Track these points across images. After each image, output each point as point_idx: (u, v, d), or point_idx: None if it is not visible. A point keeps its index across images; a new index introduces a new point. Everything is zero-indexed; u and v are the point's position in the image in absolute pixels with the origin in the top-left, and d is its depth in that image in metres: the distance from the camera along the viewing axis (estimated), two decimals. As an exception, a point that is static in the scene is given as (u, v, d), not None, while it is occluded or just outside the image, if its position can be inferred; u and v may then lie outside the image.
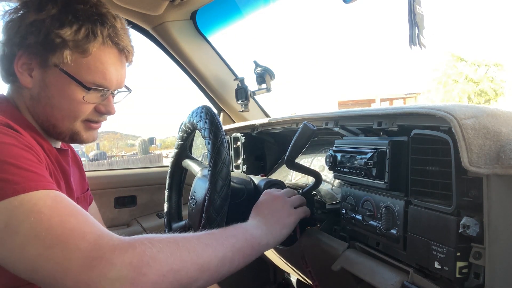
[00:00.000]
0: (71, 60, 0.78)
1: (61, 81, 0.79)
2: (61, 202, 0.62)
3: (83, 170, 1.06)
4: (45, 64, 0.78)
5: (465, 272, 0.61)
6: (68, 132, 0.83)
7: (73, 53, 0.77)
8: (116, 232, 0.63)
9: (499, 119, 0.63)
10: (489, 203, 0.58)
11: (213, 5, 1.56)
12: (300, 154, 0.92)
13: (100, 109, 0.85)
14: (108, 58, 0.81)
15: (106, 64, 0.81)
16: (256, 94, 1.71)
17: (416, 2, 0.79)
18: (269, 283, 1.90)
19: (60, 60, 0.77)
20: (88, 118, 0.84)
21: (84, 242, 0.57)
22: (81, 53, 0.78)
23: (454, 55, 18.94)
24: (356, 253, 0.85)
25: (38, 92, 0.80)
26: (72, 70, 0.78)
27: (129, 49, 0.85)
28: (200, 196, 0.94)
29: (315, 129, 0.88)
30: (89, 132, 0.87)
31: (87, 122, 0.85)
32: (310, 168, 0.98)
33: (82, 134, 0.85)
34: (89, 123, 0.85)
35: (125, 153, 24.10)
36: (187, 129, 1.03)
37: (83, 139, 0.86)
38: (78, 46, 0.77)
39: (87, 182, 1.06)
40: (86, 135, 0.86)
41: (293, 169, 0.95)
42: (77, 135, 0.85)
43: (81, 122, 0.84)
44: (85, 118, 0.84)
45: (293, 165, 0.93)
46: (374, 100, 20.90)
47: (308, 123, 0.89)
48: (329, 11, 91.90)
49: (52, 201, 0.60)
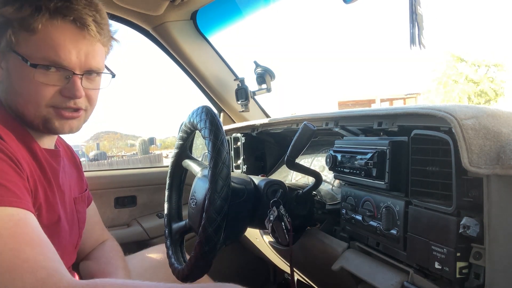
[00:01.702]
0: (20, 40, 0.73)
1: (18, 64, 0.74)
2: (24, 227, 0.58)
3: (82, 170, 1.05)
4: (2, 50, 0.74)
5: (465, 272, 0.61)
6: (38, 119, 0.77)
7: (19, 32, 0.73)
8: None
9: (499, 120, 0.63)
10: (489, 203, 0.58)
11: (214, 5, 1.56)
12: (300, 155, 0.92)
13: (64, 92, 0.76)
14: (60, 33, 0.74)
15: (58, 40, 0.73)
16: (256, 94, 1.71)
17: (417, 2, 0.79)
18: (269, 283, 1.90)
19: (10, 41, 0.73)
20: (54, 104, 0.76)
21: (31, 277, 0.53)
22: (28, 30, 0.72)
23: (454, 56, 18.95)
24: (356, 253, 0.85)
25: (5, 82, 0.77)
26: (23, 50, 0.73)
27: (86, 22, 0.75)
28: (200, 196, 0.94)
29: (315, 129, 0.88)
30: (62, 121, 0.79)
31: (57, 109, 0.77)
32: (310, 169, 0.98)
33: (53, 122, 0.78)
34: (60, 110, 0.77)
35: (125, 153, 24.10)
36: (187, 129, 1.03)
37: (55, 128, 0.79)
38: (23, 23, 0.72)
39: (85, 183, 1.05)
40: (59, 124, 0.78)
41: (294, 169, 0.95)
42: (48, 123, 0.78)
43: (49, 109, 0.77)
44: (50, 103, 0.76)
45: (294, 166, 0.93)
46: (374, 100, 20.90)
47: (308, 124, 0.88)
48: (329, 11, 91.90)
49: (14, 224, 0.57)
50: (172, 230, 1.08)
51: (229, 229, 0.89)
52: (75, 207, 0.93)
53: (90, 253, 1.06)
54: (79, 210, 0.94)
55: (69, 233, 0.87)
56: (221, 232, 0.83)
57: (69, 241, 0.88)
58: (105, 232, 1.14)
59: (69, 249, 0.90)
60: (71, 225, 0.89)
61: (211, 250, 0.82)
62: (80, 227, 0.95)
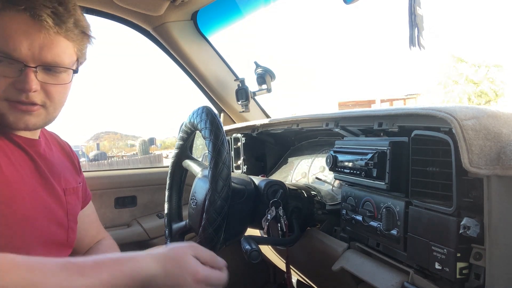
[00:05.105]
0: None
1: None
2: None
3: (75, 163, 1.03)
4: None
5: (466, 273, 0.61)
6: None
7: None
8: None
9: (499, 120, 0.63)
10: (490, 204, 0.58)
11: (214, 5, 1.56)
12: (300, 155, 0.92)
13: (16, 85, 0.74)
14: (11, 23, 0.72)
15: (9, 30, 0.72)
16: (257, 95, 1.71)
17: (416, 3, 0.79)
18: (269, 283, 1.90)
19: None
20: (7, 97, 0.75)
21: None
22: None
23: (455, 56, 18.94)
24: (356, 253, 0.85)
25: None
26: None
27: (40, 13, 0.73)
28: (201, 197, 0.94)
29: None
30: (17, 114, 0.76)
31: (10, 102, 0.75)
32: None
33: (7, 116, 0.76)
34: (13, 103, 0.75)
35: (125, 154, 24.10)
36: (188, 129, 1.03)
37: (10, 122, 0.77)
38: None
39: (81, 177, 1.03)
40: (13, 118, 0.76)
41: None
42: (2, 117, 0.76)
43: (4, 102, 0.75)
44: (3, 96, 0.75)
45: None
46: (374, 101, 20.89)
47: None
48: (329, 11, 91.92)
49: None
50: (173, 230, 1.08)
51: (229, 229, 0.89)
52: (65, 198, 0.90)
53: (86, 251, 1.06)
54: (69, 202, 0.92)
55: (48, 222, 0.84)
56: (221, 232, 0.83)
57: (47, 230, 0.84)
58: (102, 230, 1.14)
59: (50, 240, 0.86)
60: (52, 215, 0.86)
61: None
62: (70, 219, 0.91)
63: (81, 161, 1.03)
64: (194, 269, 0.66)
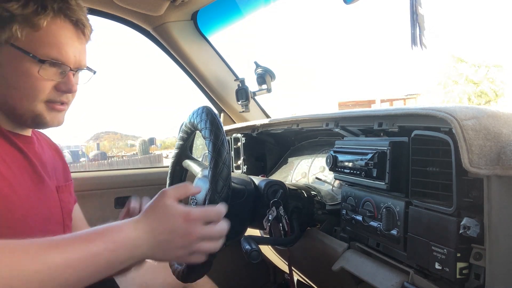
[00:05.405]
0: (22, 35, 0.76)
1: (15, 58, 0.77)
2: None
3: (66, 163, 1.04)
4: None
5: (466, 273, 0.61)
6: (29, 114, 0.80)
7: (23, 28, 0.76)
8: None
9: (499, 120, 0.63)
10: (490, 204, 0.58)
11: (214, 5, 1.56)
12: (300, 155, 0.92)
13: (61, 87, 0.81)
14: (62, 32, 0.79)
15: (60, 37, 0.79)
16: (257, 95, 1.71)
17: (418, 2, 0.79)
18: (269, 283, 1.90)
19: (10, 35, 0.75)
20: (50, 98, 0.80)
21: None
22: (32, 27, 0.76)
23: (455, 56, 18.94)
24: (356, 253, 0.85)
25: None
26: (24, 45, 0.76)
27: (84, 23, 0.82)
28: (201, 197, 0.94)
29: None
30: (53, 113, 0.82)
31: (50, 103, 0.81)
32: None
33: (45, 116, 0.81)
34: (52, 104, 0.81)
35: (125, 154, 24.12)
36: (188, 129, 1.03)
37: (47, 121, 0.82)
38: (28, 20, 0.75)
39: (69, 174, 1.04)
40: (50, 117, 0.82)
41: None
42: (40, 118, 0.81)
43: (42, 103, 0.80)
44: (46, 98, 0.80)
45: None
46: (374, 101, 20.89)
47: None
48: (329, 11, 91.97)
49: None
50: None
51: (229, 229, 0.89)
52: (58, 196, 0.91)
53: None
54: (62, 199, 0.92)
55: (45, 220, 0.84)
56: (221, 232, 0.83)
57: (45, 228, 0.84)
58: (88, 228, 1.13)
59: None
60: (48, 213, 0.86)
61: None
62: (65, 217, 0.92)
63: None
64: (182, 210, 0.68)
